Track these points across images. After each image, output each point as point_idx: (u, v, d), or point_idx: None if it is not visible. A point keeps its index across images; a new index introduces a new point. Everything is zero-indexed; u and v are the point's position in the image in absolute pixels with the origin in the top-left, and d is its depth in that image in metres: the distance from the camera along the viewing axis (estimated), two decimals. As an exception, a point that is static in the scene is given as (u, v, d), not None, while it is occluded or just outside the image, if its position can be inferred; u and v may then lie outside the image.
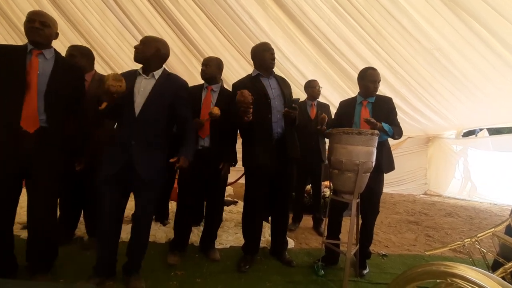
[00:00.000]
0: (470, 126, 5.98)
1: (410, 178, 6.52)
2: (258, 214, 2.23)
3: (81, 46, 2.33)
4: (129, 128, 1.68)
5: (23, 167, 1.57)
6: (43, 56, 1.62)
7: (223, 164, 2.20)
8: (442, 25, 3.09)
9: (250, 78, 2.20)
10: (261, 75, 2.17)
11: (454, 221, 4.13)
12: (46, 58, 1.63)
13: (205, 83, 2.24)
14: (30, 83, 1.54)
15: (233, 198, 4.36)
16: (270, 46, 2.16)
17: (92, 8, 4.41)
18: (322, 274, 2.09)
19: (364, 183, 1.95)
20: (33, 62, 1.59)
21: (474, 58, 3.41)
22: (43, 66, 1.61)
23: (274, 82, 2.19)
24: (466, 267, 0.56)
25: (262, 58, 2.15)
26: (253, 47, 2.24)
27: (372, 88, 2.12)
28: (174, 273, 1.98)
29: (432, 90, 4.29)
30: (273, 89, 2.15)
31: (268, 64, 2.15)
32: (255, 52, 2.20)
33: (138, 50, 1.73)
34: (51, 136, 1.62)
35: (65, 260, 1.98)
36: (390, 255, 2.59)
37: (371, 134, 1.86)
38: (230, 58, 4.62)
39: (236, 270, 2.09)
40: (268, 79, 2.17)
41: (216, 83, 2.26)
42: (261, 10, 3.74)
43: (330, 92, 4.82)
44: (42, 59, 1.62)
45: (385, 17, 3.23)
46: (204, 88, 2.23)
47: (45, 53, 1.63)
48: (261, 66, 2.17)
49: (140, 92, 1.71)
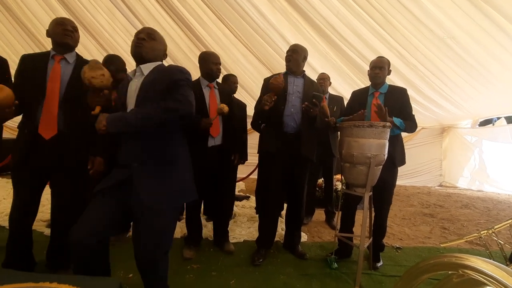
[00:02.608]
0: (487, 115, 5.78)
1: (425, 169, 6.40)
2: (271, 207, 2.25)
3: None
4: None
5: (44, 170, 1.64)
6: (65, 61, 1.66)
7: (235, 156, 2.26)
8: (455, 12, 2.98)
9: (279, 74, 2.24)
10: (289, 74, 2.20)
11: (471, 212, 4.04)
12: (68, 62, 1.66)
13: (206, 80, 2.21)
14: (52, 90, 1.57)
15: (245, 193, 4.41)
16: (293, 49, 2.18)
17: (101, 9, 4.49)
18: (335, 267, 2.10)
19: (376, 176, 1.93)
20: (56, 68, 1.61)
21: (489, 45, 3.28)
22: (64, 72, 1.64)
23: (299, 81, 2.20)
24: (478, 258, 0.56)
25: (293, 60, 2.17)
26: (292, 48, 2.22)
27: (371, 75, 2.14)
28: (190, 266, 2.04)
29: (445, 79, 4.16)
30: (295, 86, 2.17)
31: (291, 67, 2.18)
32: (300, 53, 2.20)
33: (142, 44, 1.33)
34: (69, 141, 1.64)
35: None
36: (404, 248, 2.58)
37: (383, 127, 1.84)
38: (238, 54, 4.62)
39: (250, 263, 2.13)
40: (295, 78, 2.19)
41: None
42: (267, 3, 3.71)
43: (340, 84, 4.76)
44: (64, 64, 1.65)
45: (394, 6, 3.14)
46: (206, 87, 2.20)
47: (67, 57, 1.66)
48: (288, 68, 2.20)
49: (130, 96, 1.32)
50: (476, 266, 0.54)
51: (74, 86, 1.64)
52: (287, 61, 2.18)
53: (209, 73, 2.19)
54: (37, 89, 1.57)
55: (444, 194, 5.39)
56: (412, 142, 6.18)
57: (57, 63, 1.63)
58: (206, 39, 4.49)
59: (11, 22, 5.00)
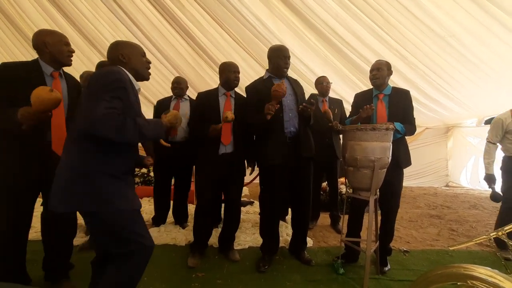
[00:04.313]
0: (491, 113, 5.70)
1: (430, 170, 6.31)
2: (275, 214, 2.23)
3: None
4: None
5: (42, 182, 1.60)
6: (60, 76, 1.66)
7: (250, 165, 2.28)
8: (454, 10, 2.96)
9: (262, 80, 2.23)
10: (273, 77, 2.19)
11: (479, 213, 3.97)
12: (62, 77, 1.68)
13: (224, 89, 2.27)
14: (58, 108, 1.54)
15: (249, 199, 4.39)
16: (286, 54, 2.15)
17: (102, 19, 4.54)
18: (342, 272, 2.07)
19: (381, 180, 1.91)
20: (58, 85, 1.61)
21: (490, 41, 3.25)
22: (62, 87, 1.64)
23: (286, 83, 2.19)
24: (486, 269, 0.55)
25: (276, 63, 2.16)
26: (270, 50, 2.22)
27: (370, 77, 2.16)
28: (195, 275, 2.02)
29: (448, 78, 4.13)
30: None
31: (281, 71, 2.17)
32: (270, 55, 2.20)
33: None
34: None
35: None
36: (412, 251, 2.54)
37: (386, 129, 1.82)
38: (240, 60, 4.63)
39: (256, 270, 2.11)
40: (279, 80, 2.18)
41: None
42: (266, 10, 3.73)
43: (341, 87, 4.75)
44: (61, 80, 1.66)
45: (393, 5, 3.13)
46: (223, 95, 2.26)
47: (60, 72, 1.67)
48: (276, 70, 2.18)
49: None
50: (484, 277, 0.52)
51: (75, 101, 1.65)
52: (287, 67, 2.18)
53: (227, 81, 2.24)
54: None
55: (451, 194, 5.31)
56: (417, 142, 6.12)
57: (57, 79, 1.62)
58: (207, 45, 4.52)
59: (11, 30, 5.06)
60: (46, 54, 1.60)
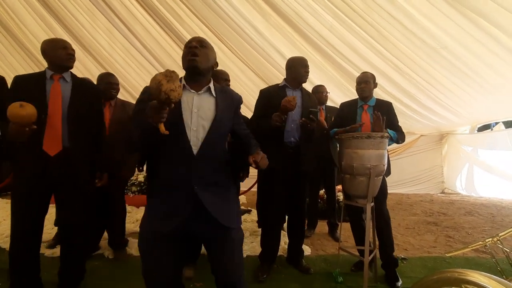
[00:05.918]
0: (484, 120, 5.84)
1: (426, 177, 6.39)
2: (273, 221, 2.23)
3: None
4: (186, 166, 1.19)
5: (50, 188, 1.64)
6: (63, 80, 1.70)
7: (243, 173, 2.27)
8: (444, 22, 3.07)
9: (277, 87, 2.25)
10: (288, 87, 2.21)
11: (475, 219, 4.01)
12: (66, 80, 1.70)
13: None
14: (54, 108, 1.60)
15: (246, 207, 4.38)
16: (307, 63, 2.19)
17: (100, 29, 4.60)
18: (341, 280, 2.07)
19: (377, 187, 1.94)
20: (56, 87, 1.65)
21: (480, 52, 3.36)
22: (64, 90, 1.67)
23: (298, 94, 2.21)
24: (480, 273, 0.57)
25: (297, 72, 2.18)
26: (290, 59, 2.25)
27: (358, 90, 2.25)
28: (193, 285, 2.00)
29: (441, 87, 4.23)
30: None
31: (301, 79, 2.20)
32: (291, 65, 2.21)
33: (197, 53, 1.27)
34: (74, 157, 1.66)
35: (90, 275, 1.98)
36: (410, 258, 2.54)
37: (381, 137, 1.86)
38: (237, 70, 4.71)
39: (254, 279, 2.09)
40: (293, 91, 2.20)
41: None
42: (263, 21, 3.82)
43: (338, 96, 4.82)
44: (63, 82, 1.69)
45: (385, 19, 3.24)
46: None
47: (65, 76, 1.70)
48: (294, 79, 2.20)
49: (194, 114, 1.21)
50: (478, 281, 0.54)
51: (76, 104, 1.67)
52: (307, 75, 2.20)
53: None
54: (38, 108, 1.59)
55: (447, 201, 5.35)
56: (412, 150, 6.20)
57: (56, 81, 1.66)
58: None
59: (9, 41, 5.09)
60: (47, 61, 1.69)
